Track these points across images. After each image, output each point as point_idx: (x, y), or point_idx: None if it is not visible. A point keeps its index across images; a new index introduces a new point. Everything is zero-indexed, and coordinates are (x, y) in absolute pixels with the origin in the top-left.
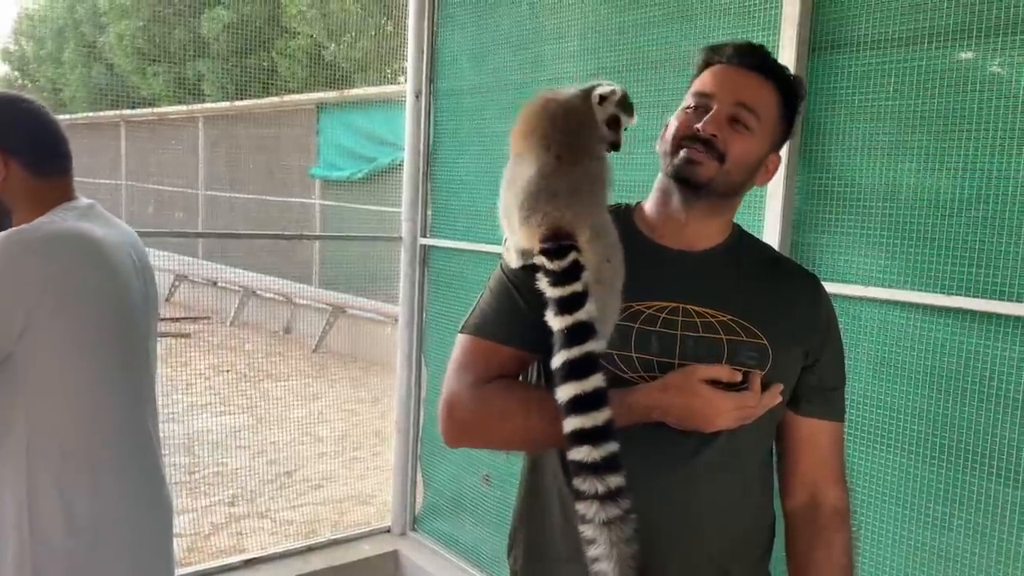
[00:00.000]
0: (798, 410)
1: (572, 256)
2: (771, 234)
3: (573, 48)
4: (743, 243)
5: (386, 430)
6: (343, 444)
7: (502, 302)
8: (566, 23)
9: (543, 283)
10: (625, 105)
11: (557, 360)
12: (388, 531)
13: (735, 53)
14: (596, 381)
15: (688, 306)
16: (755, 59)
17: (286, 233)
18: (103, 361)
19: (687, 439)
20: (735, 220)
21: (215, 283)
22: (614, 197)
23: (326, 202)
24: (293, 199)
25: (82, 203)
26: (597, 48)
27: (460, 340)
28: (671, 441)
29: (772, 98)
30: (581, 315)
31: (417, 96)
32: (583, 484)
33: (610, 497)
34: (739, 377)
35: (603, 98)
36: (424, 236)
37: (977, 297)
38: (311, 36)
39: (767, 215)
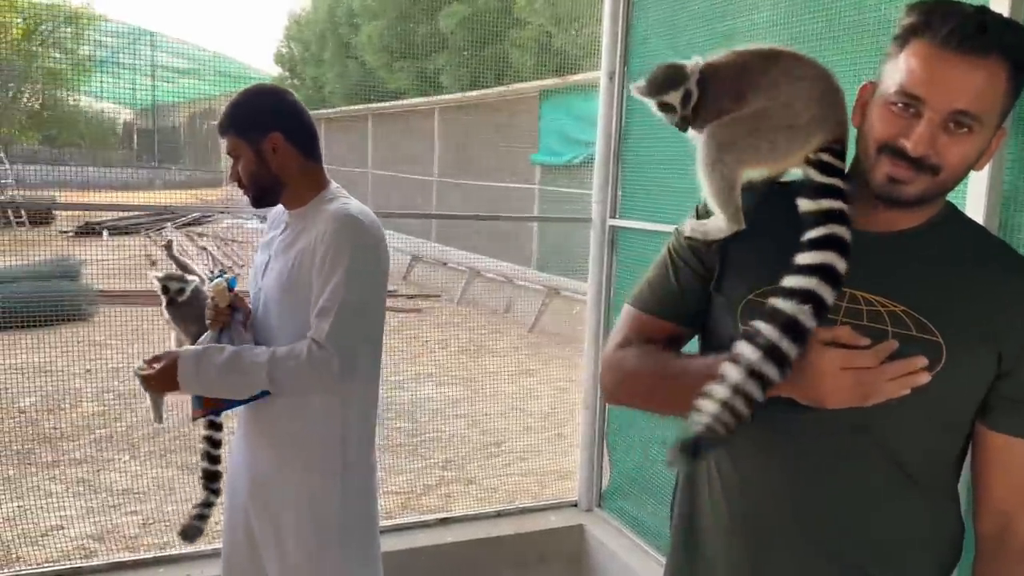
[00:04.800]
0: (986, 422)
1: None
2: (974, 214)
3: (765, 19)
4: (947, 225)
5: (581, 407)
6: (550, 421)
7: (657, 275)
8: None
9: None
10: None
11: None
12: (575, 505)
13: (955, 34)
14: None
15: (857, 292)
16: (984, 41)
17: (477, 214)
18: (382, 319)
19: (819, 416)
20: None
21: (445, 264)
22: None
23: (540, 187)
24: (515, 184)
25: (339, 186)
26: (790, 17)
27: (622, 308)
28: (799, 418)
29: (1001, 82)
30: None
31: (611, 77)
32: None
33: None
34: (864, 343)
35: None
36: (613, 217)
37: None
38: (540, 25)
39: (969, 192)
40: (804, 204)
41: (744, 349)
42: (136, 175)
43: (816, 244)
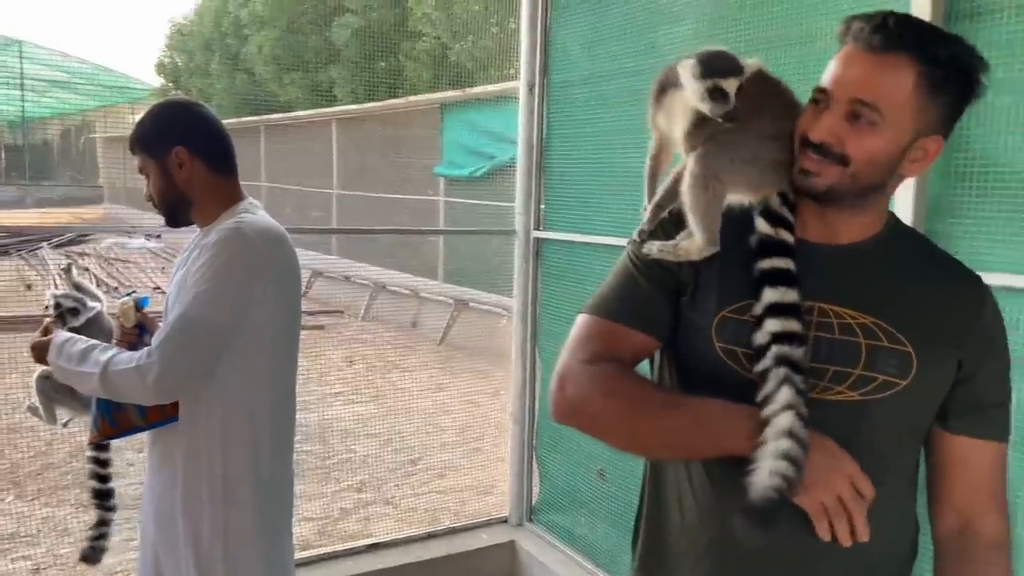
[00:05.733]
0: (948, 427)
1: None
2: None
3: (688, 31)
4: (897, 237)
5: (506, 422)
6: (466, 435)
7: (623, 284)
8: (680, 5)
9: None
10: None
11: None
12: (505, 521)
13: (861, 31)
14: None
15: (825, 306)
16: (882, 36)
17: (404, 228)
18: (291, 339)
19: None
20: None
21: (348, 278)
22: None
23: (448, 199)
24: (419, 197)
25: (254, 201)
26: (713, 30)
27: (578, 320)
28: None
29: (904, 80)
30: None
31: (530, 89)
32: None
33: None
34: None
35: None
36: (537, 229)
37: None
38: (436, 38)
39: (897, 202)
40: (763, 226)
41: (786, 393)
42: (4, 193)
43: (781, 279)
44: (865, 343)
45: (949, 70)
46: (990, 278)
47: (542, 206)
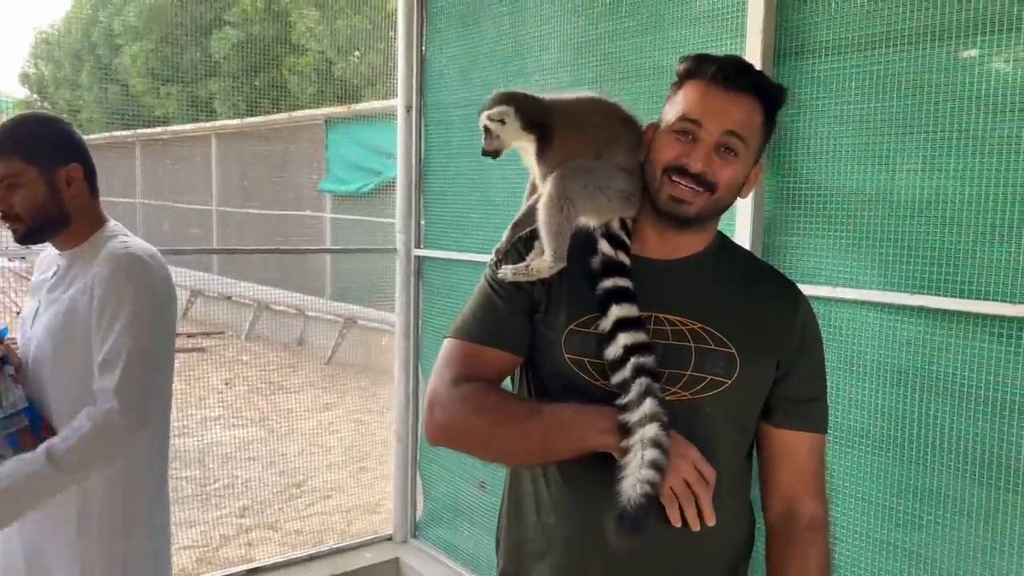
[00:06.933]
0: (771, 421)
1: None
2: (743, 238)
3: (553, 60)
4: (723, 251)
5: (392, 439)
6: (351, 454)
7: (482, 307)
8: (546, 35)
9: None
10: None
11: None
12: (390, 539)
13: (721, 72)
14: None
15: (661, 315)
16: (742, 80)
17: (284, 247)
18: (171, 365)
19: None
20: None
21: (229, 298)
22: None
23: (333, 215)
24: (304, 213)
25: (118, 223)
26: (576, 59)
27: (444, 344)
28: None
29: (758, 116)
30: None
31: (408, 110)
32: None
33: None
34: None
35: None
36: (418, 247)
37: (941, 296)
38: (320, 52)
39: (738, 219)
40: (606, 248)
41: (649, 404)
42: None
43: (625, 296)
44: (695, 347)
45: (775, 110)
46: (816, 290)
47: (423, 222)
